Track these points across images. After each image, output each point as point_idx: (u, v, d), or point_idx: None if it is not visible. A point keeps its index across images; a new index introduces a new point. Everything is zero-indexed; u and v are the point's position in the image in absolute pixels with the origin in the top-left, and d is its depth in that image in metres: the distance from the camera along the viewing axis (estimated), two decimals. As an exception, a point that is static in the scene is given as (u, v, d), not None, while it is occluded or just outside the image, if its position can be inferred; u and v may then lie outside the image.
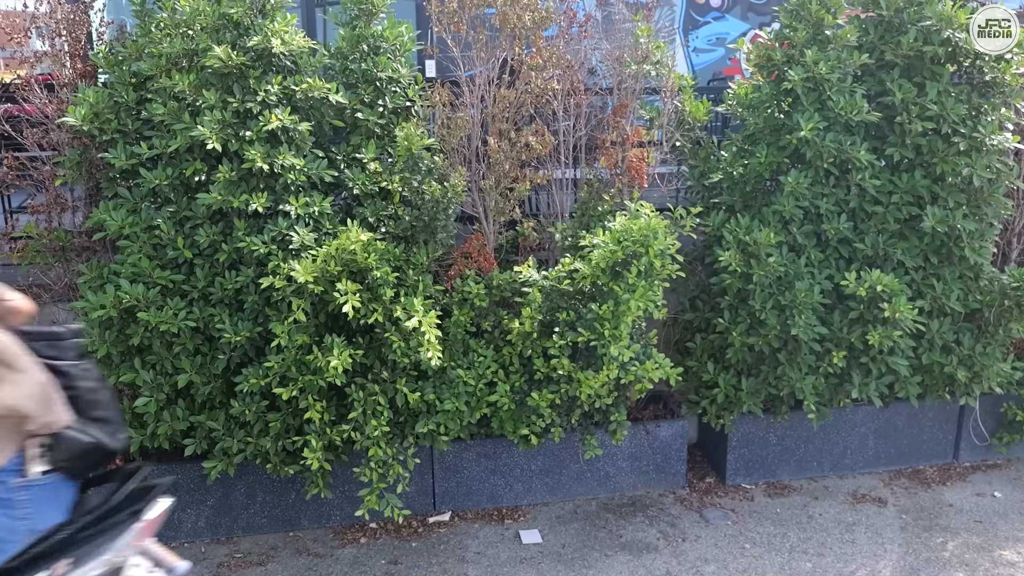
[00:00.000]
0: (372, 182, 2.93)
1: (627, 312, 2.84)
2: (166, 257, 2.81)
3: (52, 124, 2.87)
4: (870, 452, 3.57)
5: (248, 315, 2.85)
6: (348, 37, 2.97)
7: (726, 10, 5.52)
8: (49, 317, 3.11)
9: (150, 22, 2.90)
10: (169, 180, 2.78)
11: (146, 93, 2.84)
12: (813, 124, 2.97)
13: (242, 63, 2.73)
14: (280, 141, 2.81)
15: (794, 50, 3.07)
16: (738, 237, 3.05)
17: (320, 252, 2.72)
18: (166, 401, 2.87)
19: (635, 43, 3.08)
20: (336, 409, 2.94)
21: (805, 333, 3.02)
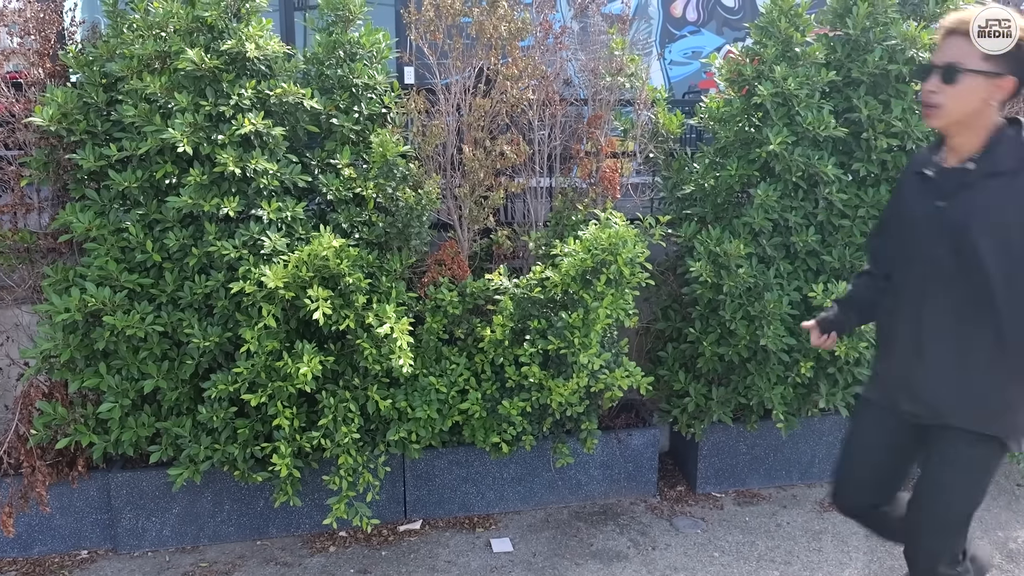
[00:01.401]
0: (346, 188, 2.94)
1: (597, 320, 2.88)
2: (134, 260, 2.78)
3: (19, 123, 2.83)
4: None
5: (218, 320, 2.84)
6: (324, 43, 2.99)
7: (702, 24, 5.63)
8: (12, 320, 3.07)
9: (122, 23, 2.89)
10: (139, 182, 2.76)
11: (117, 94, 2.82)
12: (782, 138, 3.05)
13: (215, 66, 2.73)
14: (253, 145, 2.81)
15: (764, 66, 3.15)
16: (709, 248, 3.10)
17: (292, 257, 2.72)
18: (131, 407, 2.84)
19: (610, 55, 3.14)
20: (306, 416, 2.93)
21: (774, 343, 3.08)
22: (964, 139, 1.81)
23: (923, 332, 1.89)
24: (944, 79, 1.76)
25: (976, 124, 1.78)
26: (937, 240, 1.83)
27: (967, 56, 1.75)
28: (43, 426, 2.77)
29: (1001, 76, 1.73)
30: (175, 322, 2.80)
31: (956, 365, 1.85)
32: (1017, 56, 1.74)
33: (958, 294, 1.81)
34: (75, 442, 2.78)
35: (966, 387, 1.85)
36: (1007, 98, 1.76)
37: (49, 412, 2.77)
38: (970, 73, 1.74)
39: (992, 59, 1.73)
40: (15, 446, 2.83)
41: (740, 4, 5.72)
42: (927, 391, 1.91)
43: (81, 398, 2.88)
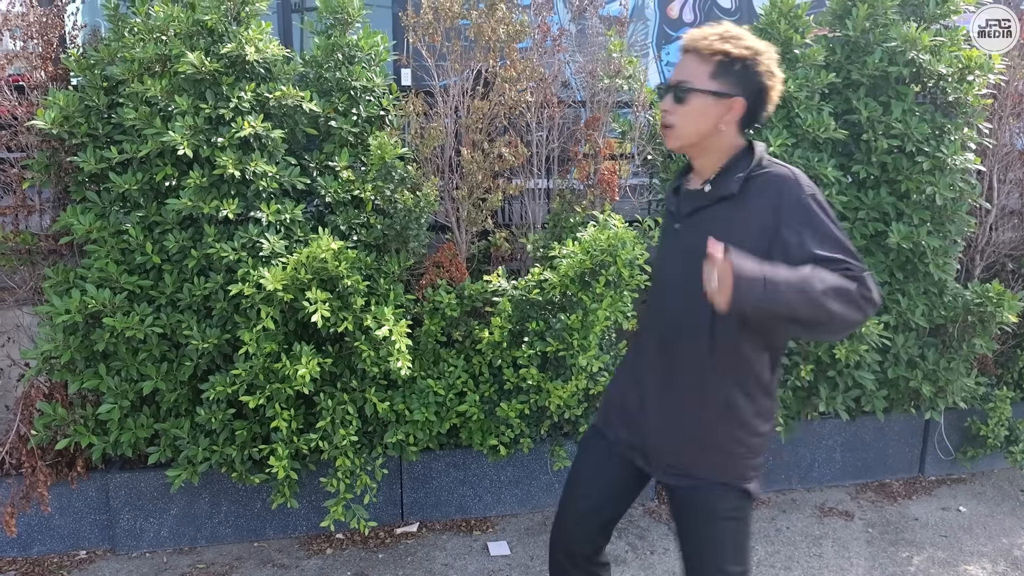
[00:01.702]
0: (344, 190, 2.96)
1: (596, 322, 2.89)
2: (134, 262, 2.81)
3: (21, 126, 2.87)
4: (837, 465, 3.64)
5: (216, 322, 2.86)
6: (323, 46, 3.01)
7: (698, 25, 5.62)
8: (13, 321, 3.10)
9: (123, 27, 2.92)
10: (139, 185, 2.79)
11: (118, 97, 2.85)
12: (782, 140, 3.05)
13: (215, 69, 2.75)
14: (252, 148, 2.84)
15: (763, 68, 3.15)
16: (708, 250, 3.10)
17: (290, 260, 2.74)
18: (130, 408, 2.86)
19: (608, 57, 3.15)
20: (304, 418, 2.95)
21: (773, 346, 3.07)
22: (703, 161, 1.74)
23: (649, 359, 1.82)
24: (676, 99, 1.68)
25: (712, 146, 1.70)
26: (672, 262, 1.80)
27: (697, 75, 1.67)
28: (43, 427, 2.80)
29: (730, 97, 1.65)
30: (174, 324, 2.82)
31: (668, 399, 1.77)
32: (744, 76, 1.66)
33: (683, 322, 1.74)
34: (75, 443, 2.81)
35: (681, 428, 1.76)
36: (740, 120, 1.68)
37: (49, 413, 2.79)
38: (699, 93, 1.66)
39: (720, 79, 1.65)
40: (16, 447, 2.86)
41: (737, 5, 5.72)
42: (647, 428, 1.82)
43: (81, 399, 2.90)
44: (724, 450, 1.73)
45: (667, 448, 1.80)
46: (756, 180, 1.66)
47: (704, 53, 1.66)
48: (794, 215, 1.60)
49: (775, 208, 1.62)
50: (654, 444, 1.82)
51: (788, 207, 1.61)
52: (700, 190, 1.73)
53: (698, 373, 1.72)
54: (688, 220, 1.75)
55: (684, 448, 1.77)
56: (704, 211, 1.71)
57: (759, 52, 1.66)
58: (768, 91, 1.68)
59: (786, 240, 1.59)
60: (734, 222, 1.66)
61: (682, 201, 1.79)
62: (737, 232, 1.64)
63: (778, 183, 1.64)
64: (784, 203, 1.62)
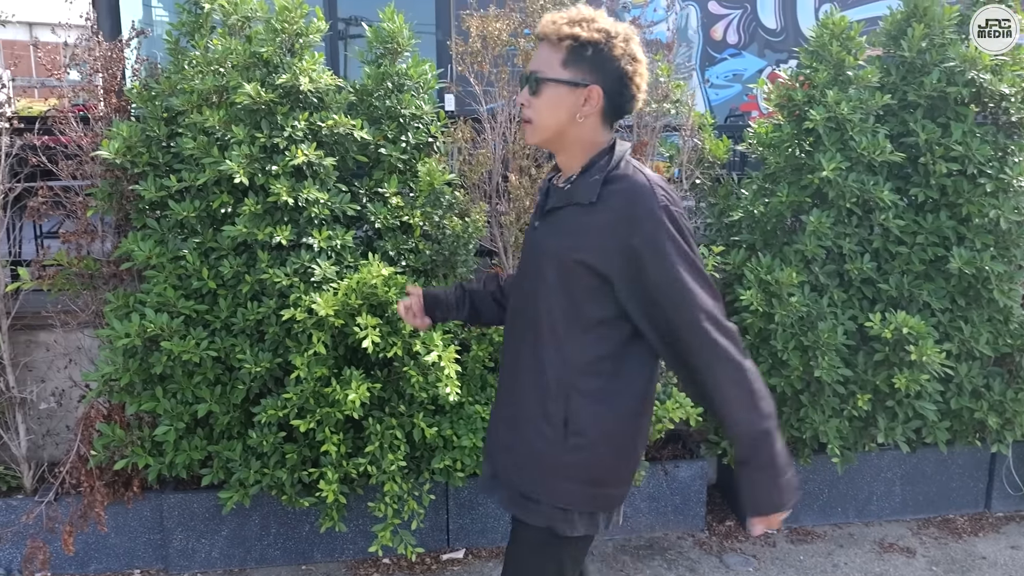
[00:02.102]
0: (394, 216, 3.02)
1: (646, 350, 2.87)
2: (190, 287, 2.90)
3: (86, 156, 3.00)
4: (897, 499, 3.52)
5: (268, 346, 2.93)
6: (373, 75, 3.09)
7: (743, 47, 5.61)
8: (75, 343, 3.22)
9: (183, 59, 3.04)
10: (196, 212, 2.89)
11: (177, 128, 2.97)
12: (835, 164, 3.01)
13: (271, 100, 2.85)
14: (305, 175, 2.92)
15: (815, 90, 3.13)
16: (759, 276, 3.07)
17: (341, 285, 2.79)
18: (185, 430, 2.94)
19: (655, 82, 3.16)
20: (353, 442, 2.99)
21: (829, 375, 3.02)
22: (564, 157, 1.63)
23: (502, 369, 1.73)
24: (531, 91, 1.57)
25: (572, 140, 1.58)
26: (527, 260, 1.69)
27: (549, 64, 1.54)
28: (102, 447, 2.89)
29: (584, 86, 1.52)
30: (228, 347, 2.90)
31: (510, 410, 1.67)
32: (598, 61, 1.52)
33: (526, 327, 1.64)
34: (131, 463, 2.89)
35: (513, 438, 1.65)
36: (602, 110, 1.55)
37: (108, 434, 2.89)
38: (551, 83, 1.53)
39: (573, 67, 1.52)
40: (76, 466, 2.96)
41: (782, 26, 5.68)
42: (493, 436, 1.74)
43: (137, 421, 3.00)
44: (546, 466, 1.61)
45: (505, 465, 1.69)
46: (612, 186, 1.54)
47: (554, 39, 1.54)
48: (648, 230, 1.49)
49: (628, 219, 1.50)
50: (498, 460, 1.72)
51: (642, 220, 1.49)
52: (560, 189, 1.63)
53: (528, 376, 1.62)
54: (546, 219, 1.65)
55: (513, 468, 1.67)
56: (560, 212, 1.61)
57: (613, 35, 1.54)
58: (628, 77, 1.55)
59: (640, 255, 1.49)
60: (589, 228, 1.54)
61: (550, 198, 1.68)
62: (592, 239, 1.54)
63: (632, 194, 1.52)
64: (638, 215, 1.50)
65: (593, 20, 1.54)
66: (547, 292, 1.59)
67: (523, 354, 1.65)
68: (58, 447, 3.31)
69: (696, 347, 1.50)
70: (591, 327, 1.58)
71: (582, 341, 1.57)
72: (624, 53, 1.54)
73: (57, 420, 3.32)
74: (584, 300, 1.57)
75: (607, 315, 1.57)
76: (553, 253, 1.59)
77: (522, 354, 1.65)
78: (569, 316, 1.58)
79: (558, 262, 1.58)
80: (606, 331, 1.58)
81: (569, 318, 1.58)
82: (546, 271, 1.59)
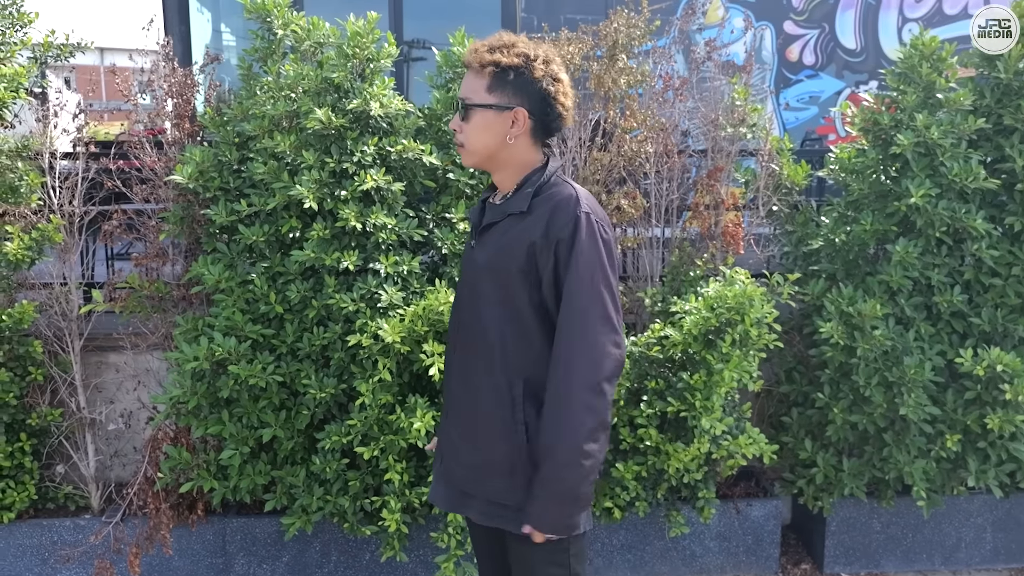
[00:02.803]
0: (461, 242, 3.02)
1: (720, 383, 2.80)
2: (258, 311, 2.94)
3: (160, 180, 3.09)
4: (988, 546, 3.35)
5: (333, 372, 2.95)
6: (442, 99, 3.10)
7: (820, 68, 5.49)
8: (143, 365, 3.30)
9: (255, 85, 3.11)
10: (265, 236, 2.93)
11: (248, 153, 3.03)
12: (924, 191, 2.90)
13: (341, 125, 2.88)
14: (373, 201, 2.94)
15: (903, 114, 3.03)
16: (840, 307, 2.97)
17: (407, 311, 2.80)
18: (249, 455, 2.98)
19: (731, 105, 3.10)
20: (416, 471, 2.98)
21: (915, 413, 2.90)
22: (500, 176, 1.73)
23: (450, 384, 1.80)
24: (461, 116, 1.68)
25: (505, 161, 1.69)
26: (465, 277, 1.78)
27: (475, 91, 1.65)
28: (169, 470, 2.95)
29: (510, 109, 1.63)
30: (293, 372, 2.93)
31: (466, 426, 1.74)
32: (521, 85, 1.63)
33: (472, 342, 1.72)
34: (196, 486, 2.94)
35: (475, 452, 1.74)
36: (531, 131, 1.66)
37: (175, 457, 2.94)
38: (478, 108, 1.64)
39: (497, 91, 1.63)
40: (143, 488, 3.02)
41: (862, 46, 5.53)
42: (449, 452, 1.81)
43: (203, 444, 3.04)
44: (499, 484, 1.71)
45: (461, 480, 1.78)
46: (541, 196, 1.65)
47: (477, 67, 1.65)
48: (569, 230, 1.59)
49: (553, 222, 1.61)
50: (452, 477, 1.81)
51: (558, 222, 1.60)
52: (495, 206, 1.74)
53: (486, 392, 1.70)
54: (482, 236, 1.74)
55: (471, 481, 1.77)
56: (495, 226, 1.71)
57: (533, 58, 1.63)
58: (551, 97, 1.65)
59: (560, 251, 1.59)
60: (520, 234, 1.64)
61: (484, 216, 1.78)
62: (523, 244, 1.63)
63: (558, 199, 1.63)
64: (556, 217, 1.60)
65: (513, 46, 1.64)
66: (488, 305, 1.69)
67: (476, 369, 1.72)
68: (125, 468, 3.38)
69: (563, 341, 1.59)
70: (535, 334, 1.67)
71: (530, 349, 1.67)
72: (545, 74, 1.64)
73: (125, 441, 3.40)
74: (525, 308, 1.66)
75: (549, 322, 1.66)
76: (491, 266, 1.68)
77: (474, 369, 1.73)
78: (514, 327, 1.67)
79: (495, 273, 1.67)
80: (551, 337, 1.66)
81: (514, 329, 1.67)
82: (486, 285, 1.69)
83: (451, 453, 1.81)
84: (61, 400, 3.22)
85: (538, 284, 1.64)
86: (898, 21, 5.47)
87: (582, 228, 1.59)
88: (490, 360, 1.69)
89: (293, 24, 3.06)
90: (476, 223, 1.78)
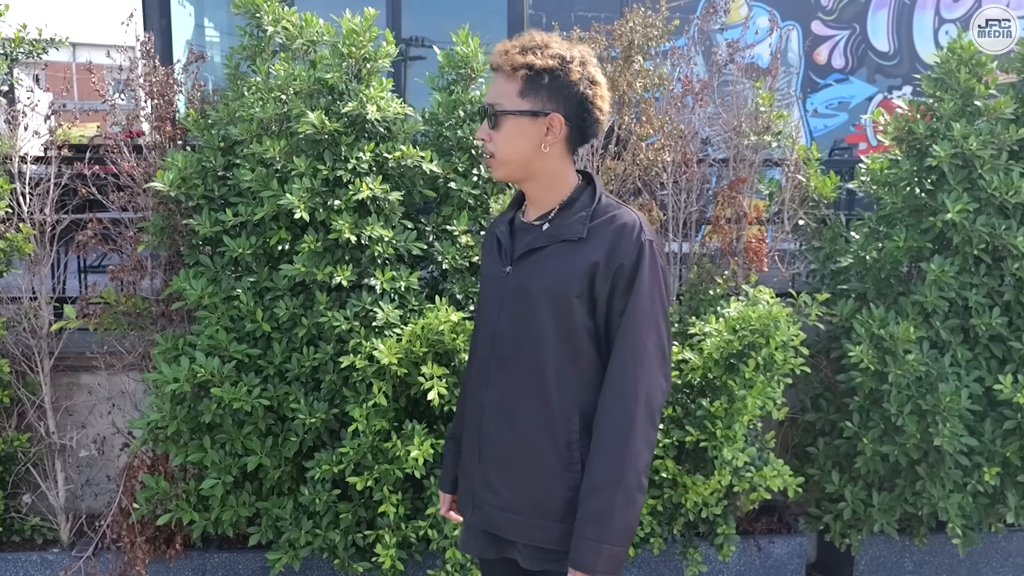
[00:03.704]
0: (463, 256, 3.01)
1: (743, 410, 2.80)
2: (243, 330, 2.93)
3: (138, 187, 3.07)
4: (1028, 587, 3.34)
5: (324, 395, 2.93)
6: (444, 103, 3.10)
7: (850, 71, 5.50)
8: (118, 386, 3.28)
9: (243, 85, 3.10)
10: (252, 249, 2.92)
11: (234, 158, 3.02)
12: (962, 205, 2.91)
13: (335, 129, 2.88)
14: (369, 211, 2.93)
15: (939, 122, 3.04)
16: (871, 330, 2.97)
17: (405, 331, 2.79)
18: (233, 484, 2.95)
19: (755, 111, 3.11)
20: (413, 503, 2.96)
21: (951, 444, 2.89)
22: (534, 190, 1.71)
23: (482, 423, 1.75)
24: (490, 124, 1.65)
25: (538, 173, 1.67)
26: (502, 306, 1.72)
27: (506, 96, 1.63)
28: (145, 500, 2.92)
29: (545, 115, 1.61)
30: (281, 396, 2.91)
31: (510, 467, 1.71)
32: (556, 89, 1.61)
33: (520, 376, 1.69)
34: (175, 518, 2.92)
35: (524, 495, 1.70)
36: (567, 139, 1.64)
37: (152, 486, 2.92)
38: (510, 115, 1.62)
39: (530, 96, 1.61)
40: (117, 519, 3.00)
41: (895, 48, 5.53)
42: (487, 498, 1.75)
43: (183, 472, 3.02)
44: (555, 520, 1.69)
45: (500, 520, 1.75)
46: (599, 220, 1.65)
47: (507, 70, 1.63)
48: (624, 255, 1.61)
49: (609, 244, 1.61)
50: (489, 515, 1.77)
51: (622, 248, 1.61)
52: (538, 227, 1.71)
53: (535, 427, 1.68)
54: (522, 261, 1.71)
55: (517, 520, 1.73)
56: (540, 251, 1.68)
57: (568, 59, 1.62)
58: (588, 101, 1.64)
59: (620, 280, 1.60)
60: (580, 262, 1.63)
61: (516, 237, 1.75)
62: (573, 269, 1.62)
63: (622, 227, 1.63)
64: (620, 243, 1.61)
65: (547, 46, 1.62)
66: (542, 336, 1.66)
67: (524, 405, 1.70)
68: (97, 498, 3.36)
69: (620, 368, 1.61)
70: (588, 363, 1.66)
71: (584, 380, 1.66)
72: (582, 77, 1.63)
73: (97, 469, 3.38)
74: (581, 337, 1.65)
75: (598, 349, 1.67)
76: (548, 294, 1.65)
77: (521, 405, 1.70)
78: (571, 358, 1.66)
79: (553, 302, 1.65)
80: (600, 366, 1.67)
81: (572, 360, 1.66)
82: (541, 315, 1.66)
83: (488, 499, 1.76)
84: (29, 424, 3.20)
85: (592, 309, 1.65)
86: (934, 22, 5.46)
87: (646, 256, 1.60)
88: (544, 394, 1.67)
89: (284, 20, 3.05)
90: (506, 246, 1.76)
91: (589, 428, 1.66)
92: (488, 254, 1.83)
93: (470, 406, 1.83)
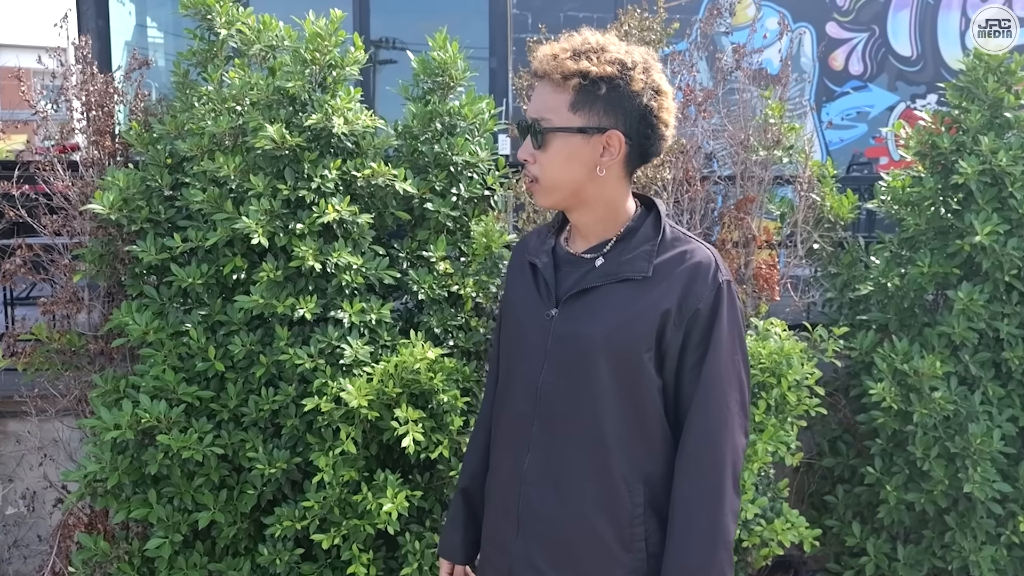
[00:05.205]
0: (440, 286, 3.04)
1: (753, 457, 2.84)
2: (194, 369, 2.94)
3: (74, 210, 3.09)
4: (1070, 648, 3.40)
5: (286, 442, 2.94)
6: (420, 114, 3.14)
7: (869, 79, 5.58)
8: (51, 434, 3.28)
9: (192, 95, 3.13)
10: (203, 279, 2.93)
11: (183, 177, 3.04)
12: (991, 227, 2.98)
13: (297, 144, 2.91)
14: (335, 235, 2.96)
15: (965, 136, 3.12)
16: (893, 365, 3.04)
17: (376, 370, 2.81)
18: (182, 544, 2.96)
19: (764, 124, 3.18)
20: (384, 562, 2.98)
21: (982, 490, 2.96)
22: (585, 218, 1.65)
23: (522, 490, 1.68)
24: (535, 143, 1.58)
25: (591, 199, 1.61)
26: (543, 362, 1.65)
27: (554, 109, 1.56)
28: (82, 563, 2.92)
29: (601, 132, 1.54)
30: (236, 444, 2.92)
31: (560, 546, 1.65)
32: (615, 100, 1.53)
33: (572, 439, 1.63)
34: (116, 584, 2.92)
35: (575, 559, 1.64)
36: (623, 160, 1.57)
37: (90, 547, 2.92)
38: (561, 132, 1.55)
39: (584, 110, 1.53)
40: (49, 586, 2.99)
41: (918, 53, 5.63)
42: (525, 567, 1.69)
43: (125, 531, 3.02)
44: None
45: None
46: (667, 255, 1.59)
47: (556, 78, 1.54)
48: (700, 299, 1.56)
49: (683, 286, 1.56)
50: None
51: (697, 290, 1.56)
52: (589, 261, 1.65)
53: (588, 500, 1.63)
54: (572, 302, 1.64)
55: None
56: (594, 292, 1.62)
57: (630, 65, 1.54)
58: (653, 115, 1.57)
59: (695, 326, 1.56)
60: (638, 305, 1.57)
61: (560, 271, 1.68)
62: (640, 316, 1.57)
63: (693, 261, 1.58)
64: (695, 285, 1.56)
65: (604, 49, 1.55)
66: (601, 394, 1.60)
67: (576, 475, 1.64)
68: (27, 562, 3.35)
69: (702, 434, 1.56)
70: (655, 425, 1.61)
71: (650, 445, 1.61)
72: (646, 86, 1.55)
73: (27, 529, 3.37)
74: (649, 395, 1.60)
75: (665, 409, 1.63)
76: (609, 345, 1.59)
77: (573, 474, 1.64)
78: (636, 419, 1.61)
79: (615, 354, 1.59)
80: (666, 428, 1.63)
81: (637, 422, 1.61)
82: (599, 369, 1.59)
83: (517, 551, 1.71)
84: (-52, 476, 3.19)
85: (660, 364, 1.59)
86: (961, 24, 5.51)
87: (724, 300, 1.56)
88: (603, 463, 1.60)
89: (239, 23, 3.08)
90: (549, 280, 1.67)
91: (655, 502, 1.60)
92: (521, 289, 1.75)
93: (504, 472, 1.76)
